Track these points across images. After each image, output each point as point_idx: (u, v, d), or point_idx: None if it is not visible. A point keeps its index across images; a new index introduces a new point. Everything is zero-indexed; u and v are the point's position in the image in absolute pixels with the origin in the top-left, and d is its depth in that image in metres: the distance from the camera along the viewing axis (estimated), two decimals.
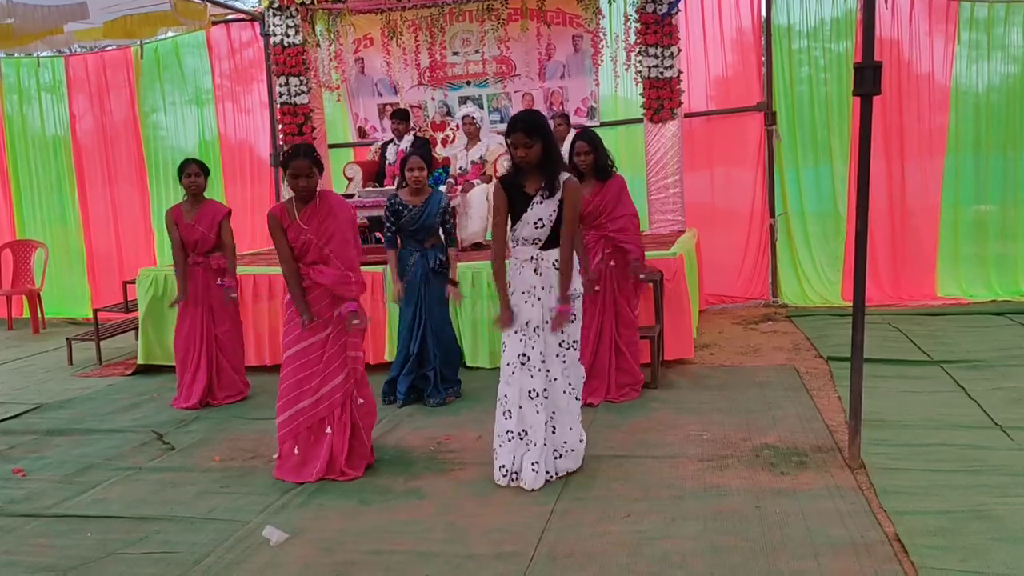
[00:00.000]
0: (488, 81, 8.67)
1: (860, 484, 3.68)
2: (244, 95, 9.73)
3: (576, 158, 5.12)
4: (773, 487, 3.71)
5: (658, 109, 7.62)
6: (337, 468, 4.10)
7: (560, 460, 3.95)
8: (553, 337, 3.87)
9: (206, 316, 5.66)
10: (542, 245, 3.84)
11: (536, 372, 3.84)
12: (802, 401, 5.04)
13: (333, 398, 4.08)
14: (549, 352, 3.87)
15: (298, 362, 4.08)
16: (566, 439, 3.95)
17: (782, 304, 8.30)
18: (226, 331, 5.74)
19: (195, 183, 5.61)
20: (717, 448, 4.29)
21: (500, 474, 3.91)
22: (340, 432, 4.10)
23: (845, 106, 7.95)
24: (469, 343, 6.22)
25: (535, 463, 3.83)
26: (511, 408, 3.88)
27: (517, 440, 3.88)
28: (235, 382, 5.79)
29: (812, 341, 6.63)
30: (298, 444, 4.12)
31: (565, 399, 3.93)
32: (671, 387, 5.56)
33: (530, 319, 3.84)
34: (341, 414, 4.10)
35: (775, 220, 8.34)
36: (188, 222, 5.61)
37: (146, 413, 5.63)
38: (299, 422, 4.09)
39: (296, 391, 4.08)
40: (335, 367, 4.06)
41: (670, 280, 5.92)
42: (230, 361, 5.77)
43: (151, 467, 4.49)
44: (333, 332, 4.07)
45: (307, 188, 4.03)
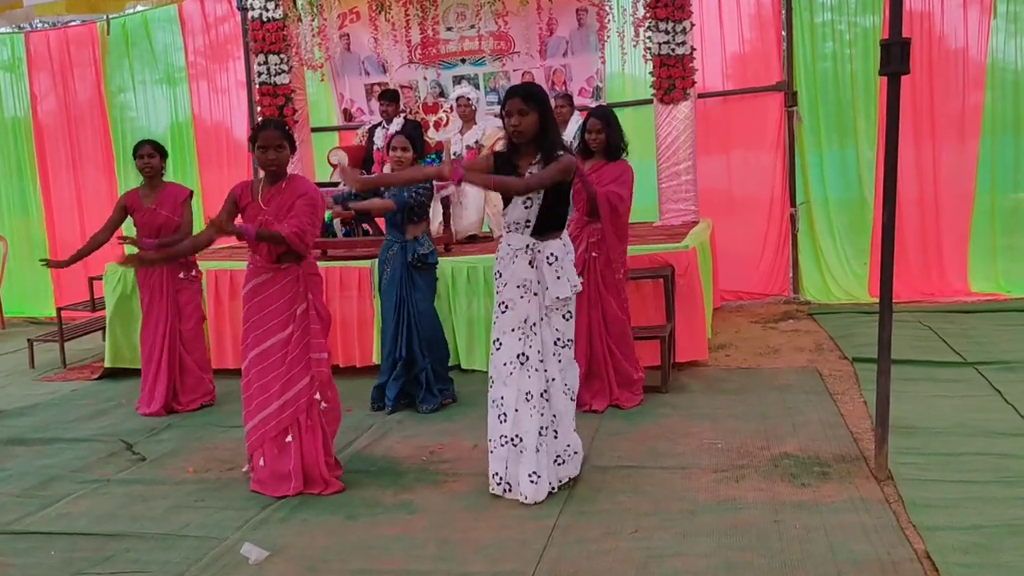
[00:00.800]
0: (485, 59, 8.66)
1: (887, 496, 3.69)
2: (220, 74, 9.72)
3: (587, 135, 5.13)
4: (793, 500, 3.71)
5: (669, 89, 7.61)
6: (319, 479, 4.10)
7: (563, 466, 3.96)
8: (548, 335, 3.88)
9: (171, 312, 5.68)
10: (534, 231, 3.83)
11: (534, 372, 3.86)
12: (825, 406, 5.05)
13: (298, 403, 4.07)
14: (546, 351, 3.88)
15: (260, 366, 4.09)
16: (569, 442, 3.97)
17: (804, 301, 8.30)
18: (191, 328, 5.76)
19: (149, 164, 5.62)
20: (733, 458, 4.29)
21: (493, 482, 3.94)
22: (311, 439, 4.10)
23: (872, 85, 7.94)
24: (464, 344, 6.23)
25: (533, 473, 3.83)
26: (507, 411, 3.89)
27: (510, 447, 3.89)
28: (202, 382, 5.81)
29: (836, 341, 6.64)
30: (264, 455, 4.12)
31: (565, 400, 3.95)
32: (683, 391, 5.56)
33: (527, 315, 3.85)
34: (306, 419, 4.10)
35: (796, 209, 8.33)
36: (149, 206, 5.62)
37: (114, 420, 5.63)
38: (265, 431, 4.09)
39: (261, 396, 4.09)
40: (299, 370, 4.06)
41: (682, 275, 5.92)
42: (196, 360, 5.78)
43: (120, 479, 4.49)
44: (295, 332, 4.07)
45: (276, 162, 4.04)
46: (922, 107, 7.97)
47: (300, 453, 4.09)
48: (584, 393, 5.14)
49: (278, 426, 4.08)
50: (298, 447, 4.08)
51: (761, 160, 8.49)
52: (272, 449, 4.10)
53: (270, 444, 4.10)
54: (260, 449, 4.13)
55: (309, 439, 4.10)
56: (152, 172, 5.63)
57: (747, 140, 8.56)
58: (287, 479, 4.08)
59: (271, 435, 4.09)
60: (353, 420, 5.16)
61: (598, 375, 5.22)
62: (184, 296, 5.72)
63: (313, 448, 4.11)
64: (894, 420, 4.00)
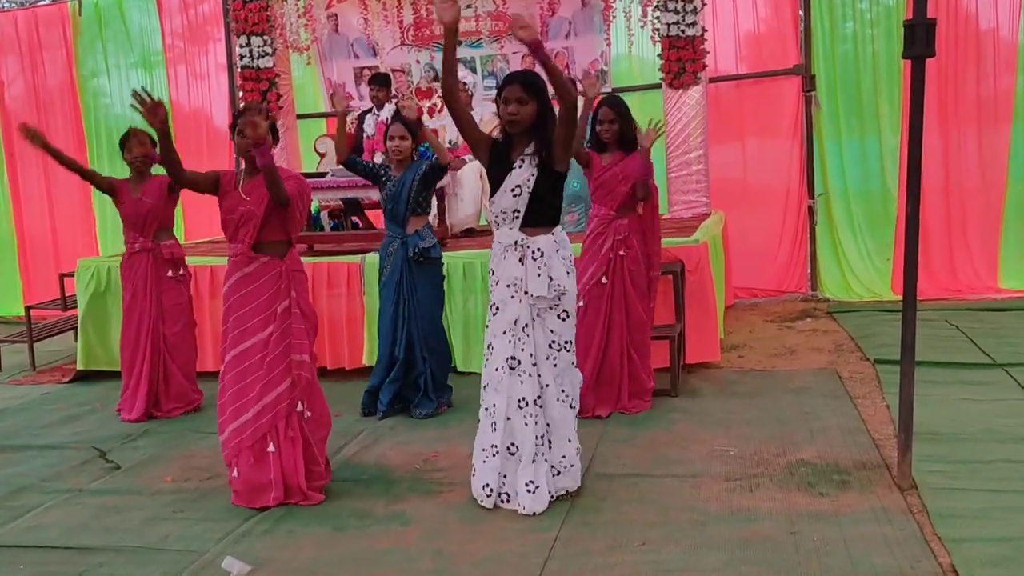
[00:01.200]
0: (482, 41, 8.66)
1: (911, 506, 3.70)
2: (199, 57, 9.72)
3: (599, 126, 5.15)
4: (810, 510, 3.72)
5: (679, 72, 7.62)
6: (297, 490, 4.10)
7: (559, 477, 3.96)
8: (543, 337, 3.88)
9: (155, 313, 5.67)
10: (523, 223, 3.84)
11: (527, 378, 3.85)
12: (845, 411, 5.06)
13: (276, 409, 4.06)
14: (539, 354, 3.88)
15: (238, 368, 4.08)
16: (564, 453, 3.96)
17: (823, 298, 8.32)
18: (177, 332, 5.75)
19: (140, 154, 5.64)
20: (746, 465, 4.30)
21: (484, 494, 3.93)
22: (289, 449, 4.09)
23: (895, 68, 7.95)
24: (460, 345, 6.24)
25: (530, 483, 3.84)
26: (498, 420, 3.89)
27: (505, 456, 3.89)
28: (185, 391, 5.80)
29: (857, 341, 6.65)
30: (239, 465, 4.11)
31: (559, 408, 3.93)
32: (693, 395, 5.57)
33: (518, 317, 3.85)
34: (286, 428, 4.09)
35: (814, 201, 8.35)
36: (135, 197, 5.65)
37: (87, 427, 5.64)
38: (241, 439, 4.08)
39: (238, 402, 4.07)
40: (278, 373, 4.05)
41: (692, 271, 5.93)
42: (180, 366, 5.78)
43: (93, 489, 4.50)
44: (275, 332, 4.07)
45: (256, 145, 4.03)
46: (949, 92, 7.98)
47: (279, 464, 4.08)
48: (589, 398, 5.16)
49: (255, 433, 4.06)
50: (277, 458, 4.07)
51: (777, 148, 8.51)
52: (248, 458, 4.08)
53: (246, 453, 4.08)
54: (236, 459, 4.12)
55: (288, 450, 4.08)
56: (141, 165, 5.67)
57: (762, 127, 8.57)
58: (266, 489, 4.07)
59: (247, 443, 4.07)
60: (342, 425, 5.16)
61: (609, 381, 5.23)
62: (170, 297, 5.71)
63: (292, 459, 4.09)
64: (918, 425, 4.01)
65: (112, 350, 6.69)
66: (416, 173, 5.27)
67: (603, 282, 5.15)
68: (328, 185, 6.82)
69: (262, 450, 4.08)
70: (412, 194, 5.26)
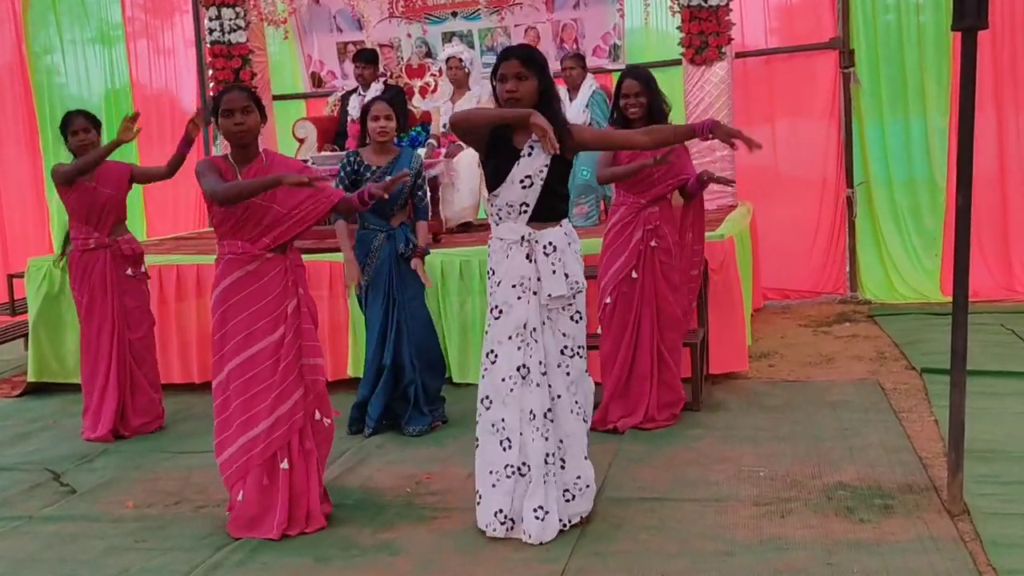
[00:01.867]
0: (480, 12, 8.67)
1: (962, 534, 3.69)
2: (163, 32, 9.75)
3: (624, 101, 5.06)
4: (850, 538, 3.71)
5: (701, 47, 7.62)
6: (302, 515, 4.06)
7: (572, 503, 3.94)
8: (553, 342, 3.87)
9: (117, 318, 5.66)
10: (531, 216, 3.84)
11: (535, 388, 3.83)
12: (888, 426, 5.05)
13: (292, 420, 4.03)
14: (550, 362, 3.87)
15: (244, 377, 4.02)
16: (580, 473, 3.94)
17: (863, 300, 8.32)
18: (141, 337, 5.75)
19: (85, 141, 5.58)
20: (777, 488, 4.30)
21: (497, 521, 3.89)
22: (303, 465, 4.07)
23: (944, 41, 7.95)
24: (456, 353, 6.24)
25: (539, 508, 3.82)
26: (511, 436, 3.88)
27: (517, 477, 3.88)
28: (154, 403, 5.80)
29: (901, 348, 6.65)
30: (245, 487, 4.06)
31: (573, 421, 3.92)
32: (718, 409, 5.57)
33: (527, 319, 3.84)
34: (301, 441, 4.07)
35: (854, 190, 8.34)
36: (89, 184, 5.57)
37: (39, 445, 5.64)
38: (251, 456, 4.02)
39: (246, 414, 4.01)
40: (292, 380, 4.02)
41: (716, 270, 5.93)
42: (147, 376, 5.78)
43: (45, 515, 4.49)
44: (288, 334, 4.04)
45: (244, 129, 3.99)
46: (1003, 68, 7.97)
47: (290, 483, 4.06)
48: (615, 409, 5.19)
49: (267, 449, 4.00)
50: (288, 476, 4.05)
51: (811, 132, 8.52)
52: (259, 478, 4.03)
53: (256, 472, 4.03)
54: (242, 480, 4.06)
55: (302, 467, 4.06)
56: (90, 149, 5.61)
57: (795, 108, 8.58)
58: (271, 514, 4.02)
59: (257, 460, 4.01)
60: None
61: (638, 388, 5.23)
62: (132, 298, 5.69)
63: (303, 476, 4.06)
64: (970, 443, 4.00)
65: (67, 360, 6.70)
66: (410, 167, 5.24)
67: (633, 276, 5.15)
68: None
69: (273, 468, 4.04)
70: (404, 192, 5.25)
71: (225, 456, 4.08)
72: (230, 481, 4.10)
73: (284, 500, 4.03)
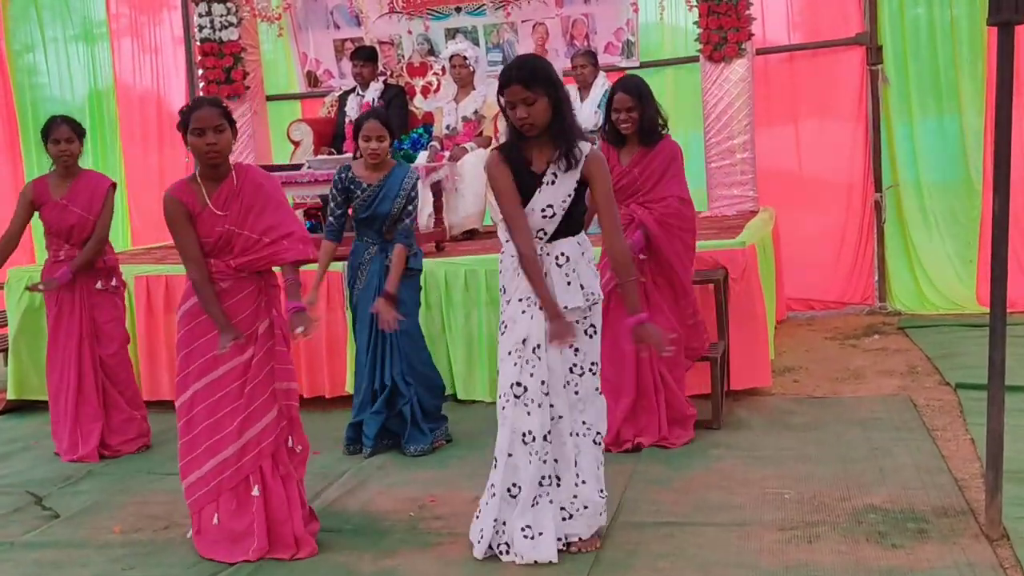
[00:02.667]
0: (485, 8, 8.70)
1: (1001, 560, 3.68)
2: (150, 28, 9.79)
3: (616, 116, 5.13)
4: (882, 565, 3.71)
5: (720, 43, 7.64)
6: (288, 540, 4.08)
7: (568, 523, 3.96)
8: (560, 361, 3.88)
9: (87, 334, 5.66)
10: (549, 237, 3.86)
11: (535, 408, 3.84)
12: (921, 445, 5.05)
13: (261, 445, 4.06)
14: (554, 380, 3.88)
15: (211, 398, 4.07)
16: (576, 493, 3.96)
17: (893, 311, 8.31)
18: (114, 353, 5.74)
19: (67, 152, 5.58)
20: (804, 512, 4.29)
21: (475, 540, 3.95)
22: (279, 490, 4.10)
23: (978, 36, 7.96)
24: (461, 368, 6.25)
25: (527, 527, 3.84)
26: (499, 455, 3.91)
27: (505, 498, 3.90)
28: (135, 420, 5.80)
29: (934, 362, 6.64)
30: (219, 511, 4.10)
31: (573, 443, 3.93)
32: (740, 427, 5.57)
33: (527, 336, 3.85)
34: (274, 467, 4.10)
35: (883, 194, 8.34)
36: (58, 200, 5.60)
37: (20, 467, 5.66)
38: (221, 481, 4.07)
39: (212, 438, 4.06)
40: (262, 402, 4.06)
41: (737, 279, 5.93)
42: (124, 393, 5.78)
43: (27, 542, 4.50)
44: (257, 354, 4.08)
45: (217, 150, 4.00)
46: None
47: (264, 508, 4.09)
48: (628, 428, 5.21)
49: (237, 474, 4.06)
50: (262, 501, 4.08)
51: (837, 133, 8.53)
52: (229, 503, 4.08)
53: (227, 496, 4.08)
54: (213, 503, 4.10)
55: (277, 490, 4.09)
56: (70, 160, 5.62)
57: (819, 107, 8.59)
58: (246, 538, 4.07)
59: (228, 485, 4.07)
60: (321, 465, 5.18)
61: (647, 407, 5.25)
62: (103, 312, 5.70)
63: (283, 501, 4.09)
64: (1009, 463, 3.99)
65: None
66: (399, 188, 5.27)
67: None
68: (304, 179, 6.81)
69: (244, 493, 4.08)
70: (395, 211, 5.28)
71: (192, 479, 4.12)
72: (197, 505, 4.14)
73: (260, 524, 4.06)
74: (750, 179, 7.80)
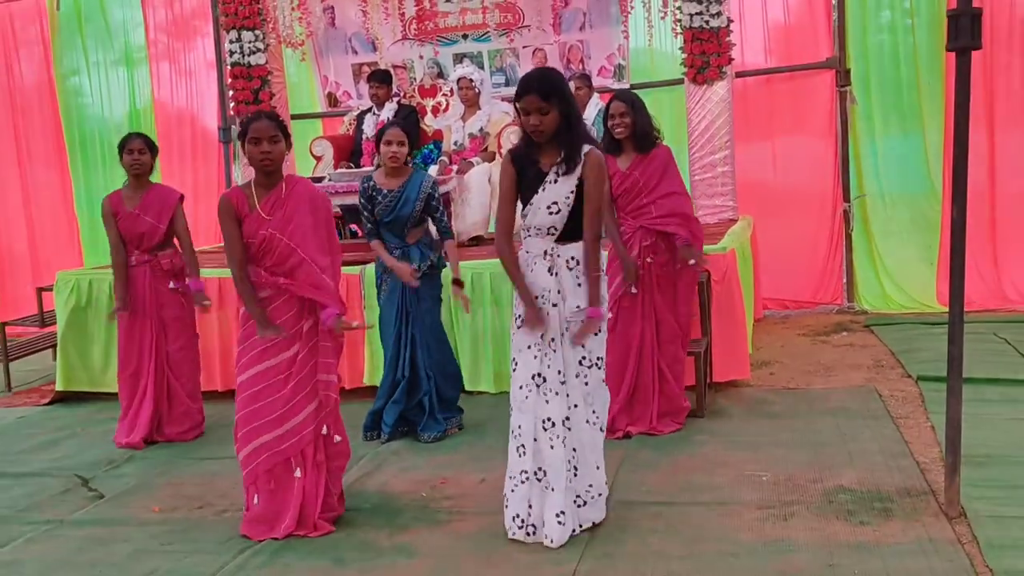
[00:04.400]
0: (490, 34, 8.70)
1: (959, 536, 3.68)
2: (185, 54, 9.79)
3: (611, 122, 5.14)
4: (850, 541, 3.71)
5: (703, 67, 7.64)
6: (310, 521, 4.10)
7: (584, 509, 3.95)
8: (572, 353, 3.88)
9: (156, 330, 5.67)
10: (559, 236, 3.86)
11: (553, 397, 3.85)
12: (886, 432, 5.04)
13: (303, 433, 4.07)
14: (568, 372, 3.88)
15: (254, 388, 4.07)
16: (591, 482, 3.95)
17: (860, 310, 8.30)
18: (180, 348, 5.73)
19: (139, 162, 5.61)
20: (779, 492, 4.29)
21: (515, 525, 3.90)
22: (314, 475, 4.11)
23: (938, 61, 7.95)
24: (468, 362, 6.24)
25: (561, 513, 3.83)
26: (526, 442, 3.88)
27: (533, 482, 3.88)
28: (191, 412, 5.78)
29: (898, 356, 6.64)
30: (258, 491, 4.13)
31: (589, 431, 3.93)
32: (721, 415, 5.57)
33: (544, 330, 3.86)
34: (314, 453, 4.11)
35: (850, 204, 8.34)
36: (131, 211, 5.62)
37: (68, 452, 5.66)
38: (259, 462, 4.09)
39: (253, 423, 4.08)
40: (304, 394, 4.07)
41: (719, 281, 5.94)
42: (185, 386, 5.75)
43: (75, 520, 4.51)
44: (302, 351, 4.08)
45: (271, 158, 4.01)
46: (997, 87, 7.97)
47: (302, 491, 4.10)
48: (622, 418, 5.20)
49: (272, 459, 4.07)
50: (301, 484, 4.09)
51: (810, 148, 8.52)
52: (268, 484, 4.10)
53: (264, 478, 4.09)
54: (255, 485, 4.13)
55: (313, 476, 4.11)
56: (141, 170, 5.63)
57: (793, 125, 8.58)
58: (280, 518, 4.08)
59: (264, 467, 4.08)
60: None
61: (643, 400, 5.25)
62: (171, 311, 5.69)
63: (315, 487, 4.11)
64: (966, 448, 3.99)
65: (94, 369, 6.74)
66: (418, 193, 5.27)
67: (633, 292, 5.18)
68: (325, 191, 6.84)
69: (283, 475, 4.09)
70: (416, 213, 5.29)
71: (241, 455, 4.15)
72: (245, 482, 4.16)
73: (294, 507, 4.07)
74: (730, 190, 7.80)
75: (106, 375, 6.63)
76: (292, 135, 8.83)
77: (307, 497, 4.10)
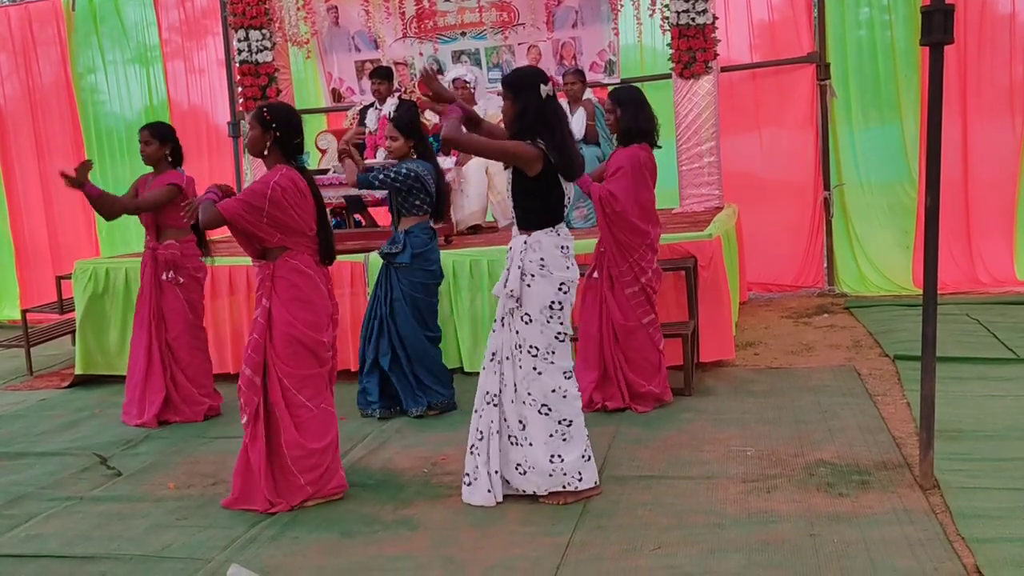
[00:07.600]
0: (486, 32, 8.66)
1: (933, 506, 3.70)
2: (196, 52, 9.75)
3: (605, 118, 5.28)
4: (830, 511, 3.72)
5: (689, 62, 7.61)
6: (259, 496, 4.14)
7: (524, 477, 4.03)
8: (509, 336, 4.00)
9: (154, 319, 5.67)
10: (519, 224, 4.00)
11: (491, 373, 4.06)
12: (864, 409, 5.06)
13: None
14: (504, 351, 4.02)
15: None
16: (526, 455, 4.00)
17: (840, 293, 8.31)
18: (175, 337, 5.69)
19: (144, 152, 5.68)
20: (763, 466, 4.30)
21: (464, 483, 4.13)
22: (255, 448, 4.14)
23: (914, 55, 7.93)
24: (468, 345, 6.25)
25: (467, 474, 4.09)
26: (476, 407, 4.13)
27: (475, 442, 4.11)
28: (195, 399, 5.74)
29: (876, 337, 6.64)
30: None
31: (522, 409, 3.99)
32: (708, 394, 5.58)
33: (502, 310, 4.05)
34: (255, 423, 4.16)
35: (830, 193, 8.33)
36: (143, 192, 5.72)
37: (86, 432, 5.66)
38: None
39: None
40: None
41: (705, 267, 5.93)
42: (187, 373, 5.72)
43: (94, 496, 4.52)
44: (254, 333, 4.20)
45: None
46: (968, 79, 7.95)
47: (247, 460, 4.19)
48: (597, 394, 5.27)
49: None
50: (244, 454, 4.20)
51: (792, 139, 8.51)
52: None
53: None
54: None
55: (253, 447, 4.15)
56: (148, 159, 5.68)
57: (776, 117, 8.57)
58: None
59: None
60: (348, 429, 5.17)
61: (612, 380, 5.29)
62: (167, 301, 5.68)
63: (257, 458, 4.12)
64: (940, 423, 4.01)
65: (111, 354, 6.75)
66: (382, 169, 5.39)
67: (594, 276, 5.26)
68: (329, 182, 6.82)
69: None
70: (374, 186, 5.41)
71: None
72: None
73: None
74: (716, 180, 7.78)
75: (122, 359, 6.60)
76: None
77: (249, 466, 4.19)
